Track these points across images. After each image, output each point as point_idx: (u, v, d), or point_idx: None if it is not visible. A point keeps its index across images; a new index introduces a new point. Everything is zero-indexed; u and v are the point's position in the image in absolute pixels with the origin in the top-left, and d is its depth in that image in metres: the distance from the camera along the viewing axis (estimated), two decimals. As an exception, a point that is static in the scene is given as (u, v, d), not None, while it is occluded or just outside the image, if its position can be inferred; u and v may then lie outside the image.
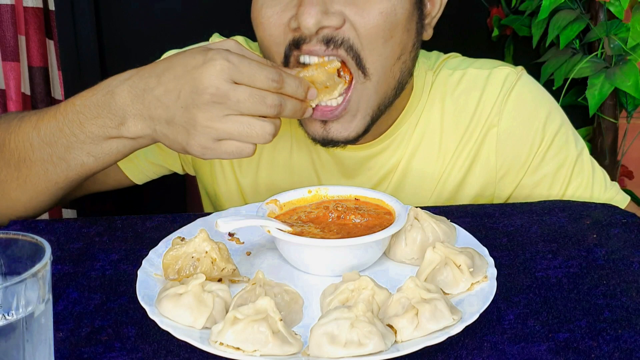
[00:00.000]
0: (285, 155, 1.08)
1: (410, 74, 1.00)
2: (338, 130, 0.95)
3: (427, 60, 1.09)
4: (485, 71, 1.06)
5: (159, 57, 1.14)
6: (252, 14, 0.95)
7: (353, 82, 0.93)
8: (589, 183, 1.07)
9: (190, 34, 1.16)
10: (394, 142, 1.05)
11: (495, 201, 1.08)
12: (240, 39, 1.15)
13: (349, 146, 1.01)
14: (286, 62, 0.93)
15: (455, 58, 1.10)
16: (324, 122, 0.94)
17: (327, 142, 0.96)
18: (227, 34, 1.18)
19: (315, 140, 0.97)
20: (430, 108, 1.06)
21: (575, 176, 1.06)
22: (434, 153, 1.05)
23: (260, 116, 0.82)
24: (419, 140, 1.05)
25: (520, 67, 1.08)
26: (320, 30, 0.89)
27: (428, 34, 1.00)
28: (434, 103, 1.06)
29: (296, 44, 0.91)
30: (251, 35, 1.14)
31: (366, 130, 0.97)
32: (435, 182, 1.06)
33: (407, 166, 1.05)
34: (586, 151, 1.09)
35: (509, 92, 1.04)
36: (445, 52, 1.13)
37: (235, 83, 0.80)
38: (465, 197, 1.07)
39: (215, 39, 1.13)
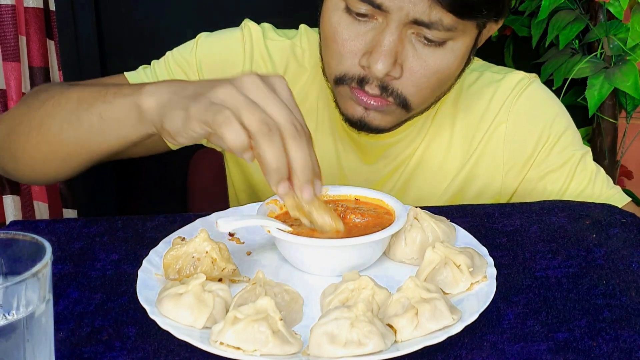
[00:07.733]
0: None
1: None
2: (376, 118, 0.98)
3: None
4: (500, 75, 1.12)
5: (159, 58, 1.14)
6: (324, 24, 0.97)
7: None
8: (591, 180, 1.10)
9: (191, 33, 1.16)
10: (411, 133, 1.10)
11: (502, 195, 1.12)
12: (267, 25, 1.16)
13: (370, 135, 1.06)
14: (339, 81, 0.97)
15: (477, 62, 1.15)
16: (367, 108, 0.98)
17: (362, 126, 0.99)
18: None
19: (350, 121, 1.00)
20: (446, 104, 1.11)
21: (579, 172, 1.10)
22: (446, 146, 1.11)
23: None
24: (433, 134, 1.11)
25: (534, 74, 1.13)
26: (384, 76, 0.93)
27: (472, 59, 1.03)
28: (449, 99, 1.10)
29: (360, 82, 0.95)
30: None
31: (398, 125, 1.03)
32: (446, 174, 1.11)
33: (421, 157, 1.11)
34: (590, 155, 1.13)
35: (520, 93, 1.10)
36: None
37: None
38: (473, 190, 1.11)
39: (248, 23, 1.14)
